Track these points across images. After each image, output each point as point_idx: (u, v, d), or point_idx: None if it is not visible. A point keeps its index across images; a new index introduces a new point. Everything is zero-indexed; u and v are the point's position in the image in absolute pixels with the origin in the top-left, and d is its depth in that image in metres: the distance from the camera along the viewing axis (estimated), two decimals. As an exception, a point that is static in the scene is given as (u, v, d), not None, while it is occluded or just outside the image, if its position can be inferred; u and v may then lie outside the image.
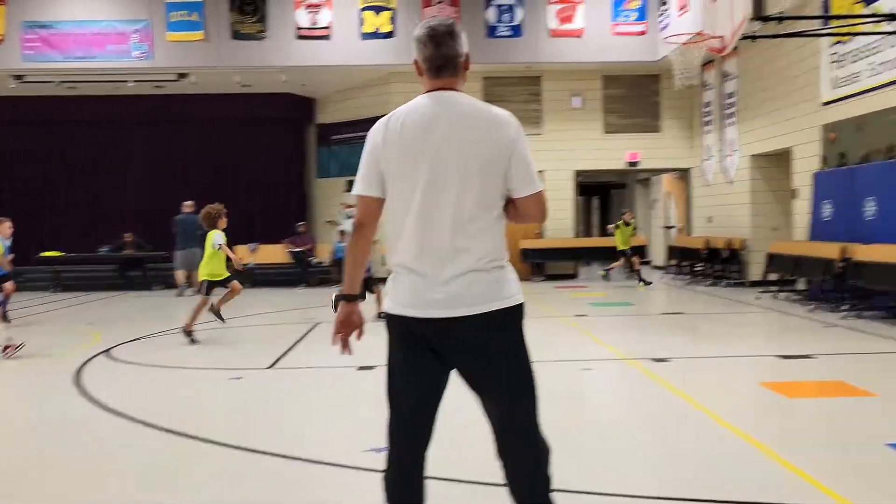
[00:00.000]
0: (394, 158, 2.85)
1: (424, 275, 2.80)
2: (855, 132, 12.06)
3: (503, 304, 2.80)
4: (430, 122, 2.83)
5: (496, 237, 2.85)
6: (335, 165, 20.28)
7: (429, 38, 2.92)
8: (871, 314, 10.65)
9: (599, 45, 17.78)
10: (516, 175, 2.82)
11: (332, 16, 17.45)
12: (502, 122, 2.86)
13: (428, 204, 2.80)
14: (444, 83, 2.93)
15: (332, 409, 6.27)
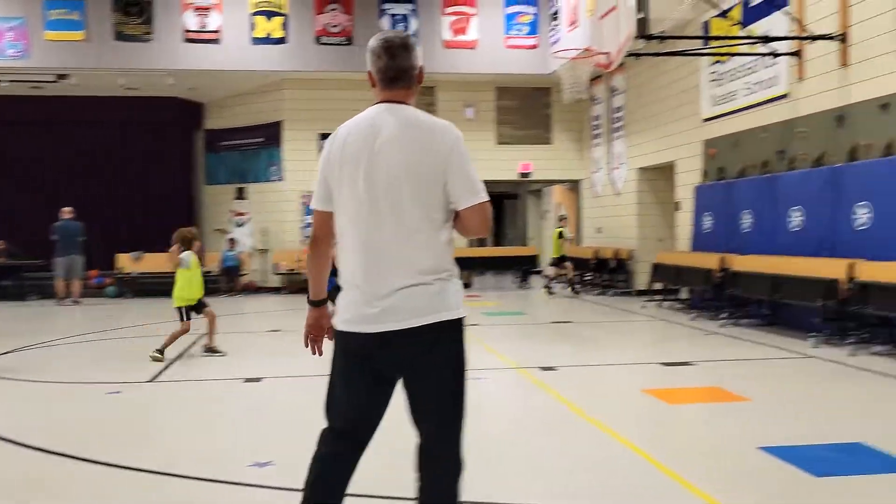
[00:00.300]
0: (338, 172, 2.87)
1: (364, 290, 2.81)
2: (732, 148, 12.61)
3: (436, 318, 2.78)
4: (371, 136, 2.84)
5: (438, 250, 2.83)
6: (224, 172, 19.81)
7: (384, 49, 2.93)
8: (748, 322, 11.12)
9: (493, 57, 18.02)
10: (455, 186, 2.81)
11: (221, 19, 17.09)
12: (438, 133, 2.83)
13: (369, 218, 2.81)
14: (395, 95, 2.94)
15: (215, 423, 6.08)
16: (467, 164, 2.83)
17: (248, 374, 7.87)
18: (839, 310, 9.09)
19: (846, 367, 7.81)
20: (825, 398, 6.58)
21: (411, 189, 2.78)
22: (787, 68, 11.18)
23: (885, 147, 9.26)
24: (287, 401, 6.85)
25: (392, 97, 2.94)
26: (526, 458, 4.94)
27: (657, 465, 4.66)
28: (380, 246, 2.80)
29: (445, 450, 2.90)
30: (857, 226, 9.42)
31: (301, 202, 18.98)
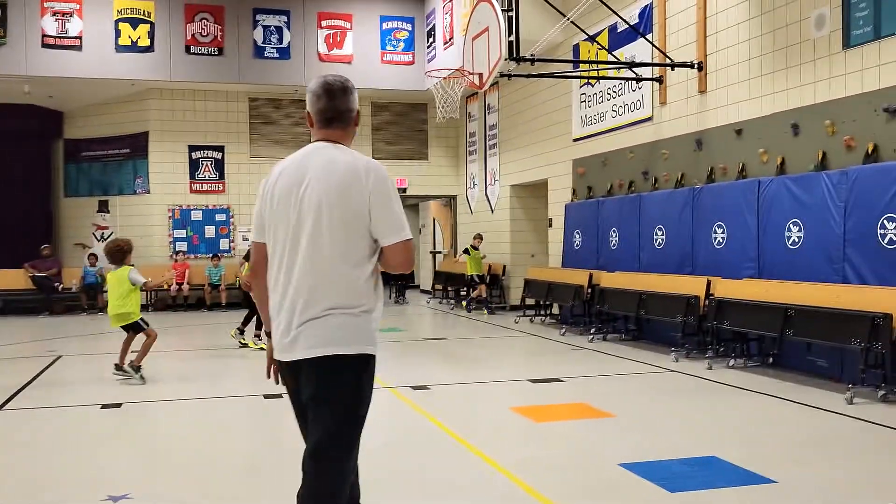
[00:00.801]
0: (270, 207, 3.02)
1: (283, 320, 2.95)
2: (601, 168, 13.01)
3: (337, 350, 2.87)
4: (299, 174, 2.97)
5: (353, 285, 2.91)
6: (85, 183, 18.89)
7: (324, 90, 3.06)
8: (615, 337, 11.47)
9: (368, 72, 17.99)
10: (378, 224, 2.91)
11: (83, 25, 16.34)
12: (361, 173, 2.92)
13: (289, 251, 2.94)
14: (331, 135, 3.08)
15: (69, 453, 5.73)
16: (391, 202, 2.93)
17: (106, 400, 7.49)
18: (698, 325, 9.49)
19: (704, 380, 8.15)
20: (683, 412, 6.83)
21: (330, 225, 2.88)
22: (650, 93, 11.65)
23: (739, 170, 9.76)
24: (146, 428, 6.56)
25: (327, 136, 3.08)
26: (392, 480, 4.88)
27: (520, 485, 4.71)
28: (298, 278, 2.91)
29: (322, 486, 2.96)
30: (714, 244, 9.88)
31: (168, 215, 18.34)
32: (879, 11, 7.84)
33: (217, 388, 8.22)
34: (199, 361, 10.15)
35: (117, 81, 17.01)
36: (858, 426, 6.15)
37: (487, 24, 10.57)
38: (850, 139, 8.15)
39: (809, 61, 8.73)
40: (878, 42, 7.86)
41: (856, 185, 7.77)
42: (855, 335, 7.01)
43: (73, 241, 18.79)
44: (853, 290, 7.54)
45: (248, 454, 5.66)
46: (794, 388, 7.61)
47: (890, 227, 7.38)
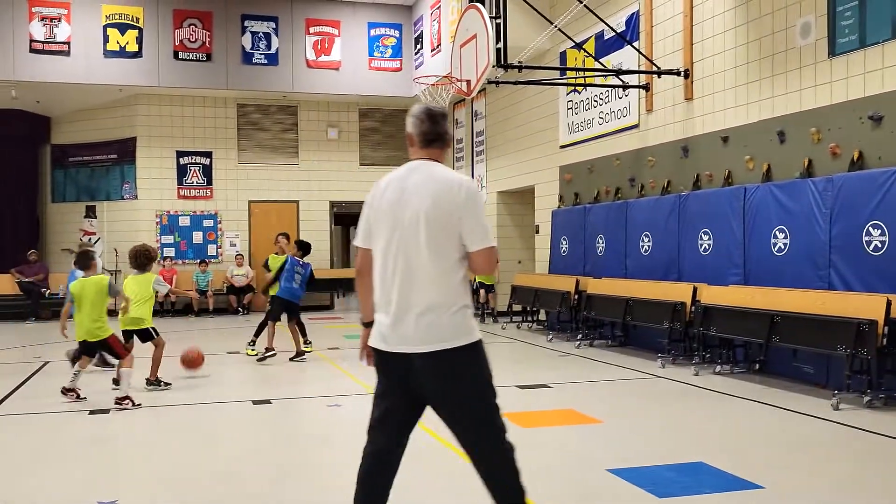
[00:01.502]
0: (375, 217, 3.44)
1: (393, 317, 3.30)
2: (587, 174, 13.06)
3: (450, 344, 3.23)
4: (402, 188, 3.38)
5: (451, 286, 3.30)
6: (73, 189, 18.81)
7: (427, 116, 3.51)
8: (601, 343, 11.51)
9: (356, 78, 18.04)
10: (467, 233, 3.31)
11: (71, 30, 16.30)
12: (454, 188, 3.32)
13: (395, 257, 3.33)
14: (430, 154, 3.50)
15: (57, 458, 5.70)
16: (479, 214, 3.35)
17: (94, 406, 7.46)
18: (685, 331, 9.54)
19: (691, 386, 8.19)
20: (671, 418, 6.86)
21: (428, 234, 3.28)
22: (637, 100, 11.72)
23: (725, 177, 9.82)
24: (135, 434, 6.53)
25: (426, 155, 3.50)
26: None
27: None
28: (405, 281, 3.30)
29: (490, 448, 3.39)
30: (700, 251, 9.93)
31: (156, 221, 18.29)
32: (865, 20, 7.92)
33: (205, 394, 8.19)
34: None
35: (105, 87, 16.98)
36: (844, 432, 6.20)
37: (475, 31, 10.61)
38: (836, 146, 8.23)
39: (795, 69, 8.81)
40: (864, 50, 7.94)
41: (841, 193, 7.83)
42: (840, 341, 7.07)
43: (60, 247, 18.69)
44: (839, 296, 7.60)
45: (235, 460, 5.65)
46: (781, 395, 7.66)
47: (875, 233, 7.44)
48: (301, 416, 7.28)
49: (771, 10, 9.14)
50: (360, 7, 18.08)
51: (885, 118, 7.68)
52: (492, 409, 3.34)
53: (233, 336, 13.61)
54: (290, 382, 8.93)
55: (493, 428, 3.34)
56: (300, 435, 6.49)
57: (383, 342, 3.35)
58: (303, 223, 19.18)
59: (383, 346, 3.35)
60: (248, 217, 18.92)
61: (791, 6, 8.85)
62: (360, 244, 3.51)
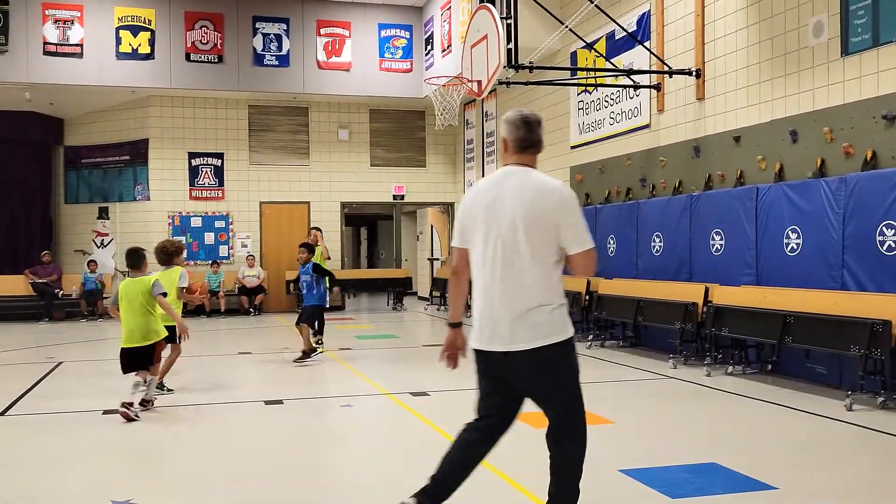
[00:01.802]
0: (471, 219, 3.62)
1: (494, 317, 3.52)
2: (598, 175, 13.05)
3: (549, 341, 3.48)
4: (497, 192, 3.57)
5: (548, 286, 3.51)
6: (85, 190, 18.90)
7: (523, 122, 3.68)
8: (612, 344, 11.48)
9: (367, 79, 18.06)
10: (565, 237, 3.49)
11: (84, 32, 16.38)
12: (550, 193, 3.51)
13: (494, 258, 3.52)
14: (523, 159, 3.67)
15: (71, 458, 5.74)
16: (576, 217, 3.51)
17: (108, 406, 7.49)
18: (696, 332, 9.51)
19: (703, 387, 8.17)
20: (683, 419, 6.85)
21: (525, 237, 3.46)
22: (648, 100, 11.69)
23: (738, 177, 9.79)
24: (148, 434, 6.56)
25: (520, 161, 3.66)
26: (393, 486, 4.88)
27: (522, 491, 4.73)
28: (504, 281, 3.49)
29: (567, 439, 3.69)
30: (712, 251, 9.90)
31: (168, 222, 18.36)
32: (878, 19, 7.89)
33: (218, 395, 8.21)
34: (198, 367, 10.15)
35: (118, 89, 17.05)
36: (858, 433, 6.17)
37: (486, 32, 10.61)
38: (849, 146, 8.19)
39: (808, 68, 8.78)
40: (877, 49, 7.90)
41: (854, 192, 7.80)
42: (854, 342, 7.04)
43: (73, 248, 18.80)
44: (852, 296, 7.57)
45: (248, 460, 5.67)
46: (793, 395, 7.63)
47: (889, 233, 7.40)
48: (313, 416, 7.29)
49: (783, 10, 9.11)
50: (370, 8, 18.11)
51: (898, 117, 7.64)
52: (577, 400, 3.63)
53: (244, 337, 13.65)
54: (303, 383, 8.95)
55: (577, 418, 3.65)
56: (312, 435, 6.50)
57: (484, 342, 3.57)
58: (314, 224, 19.20)
59: (485, 347, 3.57)
60: (260, 218, 18.98)
61: (803, 5, 8.82)
62: (456, 244, 3.72)
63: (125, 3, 16.69)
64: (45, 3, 16.25)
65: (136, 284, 7.09)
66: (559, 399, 3.60)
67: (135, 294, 7.03)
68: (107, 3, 16.61)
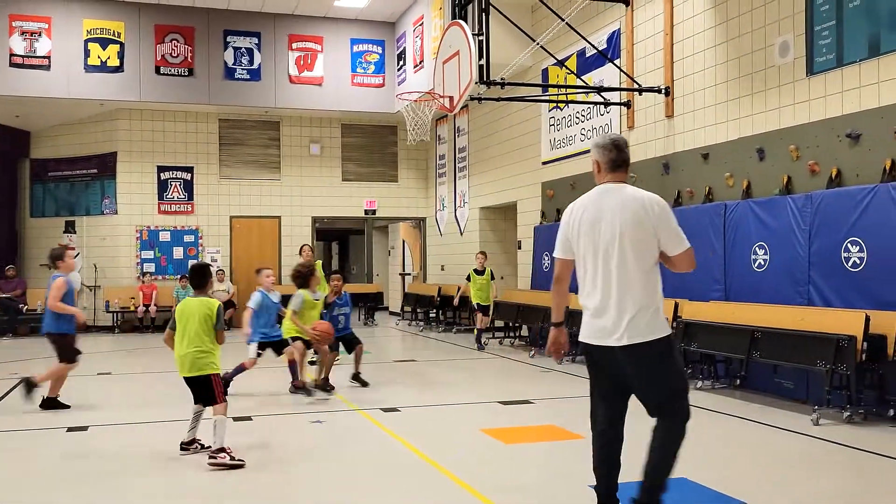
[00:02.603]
0: (576, 232, 4.13)
1: (603, 317, 4.01)
2: (570, 191, 13.11)
3: (651, 337, 3.94)
4: (598, 208, 4.07)
5: (648, 289, 3.99)
6: (52, 204, 18.66)
7: (614, 145, 4.21)
8: (582, 359, 11.48)
9: (339, 94, 18.05)
10: (666, 241, 4.00)
11: (52, 45, 16.22)
12: (647, 205, 4.00)
13: (597, 266, 4.03)
14: (616, 177, 4.17)
15: (34, 476, 5.62)
16: (673, 222, 4.02)
17: (72, 423, 7.37)
18: (666, 347, 9.55)
19: (672, 402, 8.20)
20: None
21: (630, 246, 3.95)
22: (618, 117, 11.80)
23: (706, 194, 9.90)
24: (114, 451, 6.45)
25: (613, 179, 4.16)
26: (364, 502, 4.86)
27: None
28: (610, 286, 3.98)
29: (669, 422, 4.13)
30: (681, 267, 9.97)
31: (136, 236, 18.16)
32: (842, 40, 8.03)
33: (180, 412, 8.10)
34: (167, 384, 10.02)
35: (86, 101, 16.88)
36: (825, 447, 6.23)
37: (458, 48, 10.66)
38: (815, 164, 8.31)
39: (774, 87, 8.91)
40: (841, 69, 8.04)
41: (820, 209, 7.91)
42: (820, 357, 7.12)
43: (38, 262, 18.51)
44: (818, 312, 7.66)
45: (215, 478, 5.59)
46: (762, 410, 7.69)
47: (854, 250, 7.51)
48: (283, 432, 7.22)
49: (750, 29, 9.25)
50: (342, 23, 18.12)
51: (862, 136, 7.78)
52: (676, 393, 4.05)
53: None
54: (271, 399, 8.87)
55: (674, 409, 4.06)
56: (281, 451, 6.43)
57: (593, 338, 4.07)
58: (285, 239, 19.12)
59: (594, 342, 4.06)
60: (230, 232, 18.84)
61: (770, 25, 8.96)
62: (560, 255, 4.22)
63: (94, 15, 16.55)
64: (11, 15, 16.07)
65: (198, 305, 6.18)
66: (655, 391, 4.04)
67: (193, 315, 6.14)
68: (75, 15, 16.46)
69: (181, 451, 6.17)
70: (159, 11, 16.92)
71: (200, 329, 6.09)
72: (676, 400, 4.08)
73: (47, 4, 16.31)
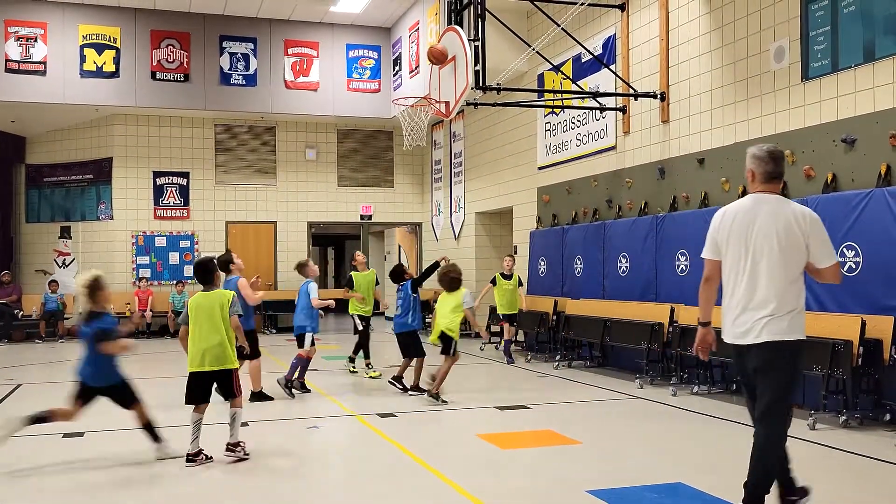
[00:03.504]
0: (726, 237, 4.41)
1: (746, 316, 4.29)
2: (565, 196, 13.13)
3: (786, 337, 4.21)
4: (753, 216, 4.32)
5: (792, 294, 4.26)
6: (47, 209, 18.63)
7: (771, 157, 4.41)
8: (579, 364, 11.52)
9: (334, 99, 18.05)
10: (816, 253, 4.27)
11: (47, 50, 16.21)
12: (799, 217, 4.26)
13: (746, 269, 4.31)
14: (769, 188, 4.40)
15: (31, 482, 5.60)
16: (824, 235, 4.28)
17: (68, 429, 7.34)
18: (662, 352, 9.57)
19: (669, 407, 8.22)
20: (649, 439, 6.87)
21: (780, 253, 4.21)
22: (614, 122, 11.82)
23: (702, 199, 9.91)
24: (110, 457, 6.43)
25: (766, 189, 4.39)
26: (360, 512, 4.85)
27: (490, 514, 4.70)
28: (757, 289, 4.26)
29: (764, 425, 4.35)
30: (677, 272, 9.99)
31: (131, 242, 18.14)
32: (837, 45, 8.06)
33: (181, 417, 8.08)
34: (163, 389, 9.99)
35: (81, 107, 16.87)
36: (821, 451, 6.24)
37: (454, 53, 10.67)
38: (810, 169, 8.33)
39: (769, 92, 8.94)
40: (836, 74, 8.07)
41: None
42: (816, 362, 7.13)
43: (34, 268, 18.50)
44: (814, 317, 7.65)
45: (212, 483, 5.58)
46: (758, 414, 7.69)
47: (849, 255, 7.53)
48: (279, 437, 7.20)
49: (745, 35, 9.28)
50: (338, 29, 18.13)
51: (857, 141, 7.81)
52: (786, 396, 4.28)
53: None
54: (268, 404, 8.85)
55: (778, 413, 4.28)
56: (277, 457, 6.42)
57: (736, 337, 4.33)
58: (280, 244, 19.11)
59: (738, 340, 4.32)
60: (226, 238, 18.82)
61: (765, 31, 8.99)
62: (710, 257, 4.51)
63: (90, 20, 16.55)
64: (7, 21, 16.06)
65: (213, 298, 6.19)
66: (773, 385, 4.23)
67: (208, 309, 6.14)
68: (71, 20, 16.45)
69: (188, 463, 6.04)
70: (155, 17, 16.91)
71: (219, 321, 6.09)
72: (773, 408, 4.27)
73: (43, 10, 16.30)
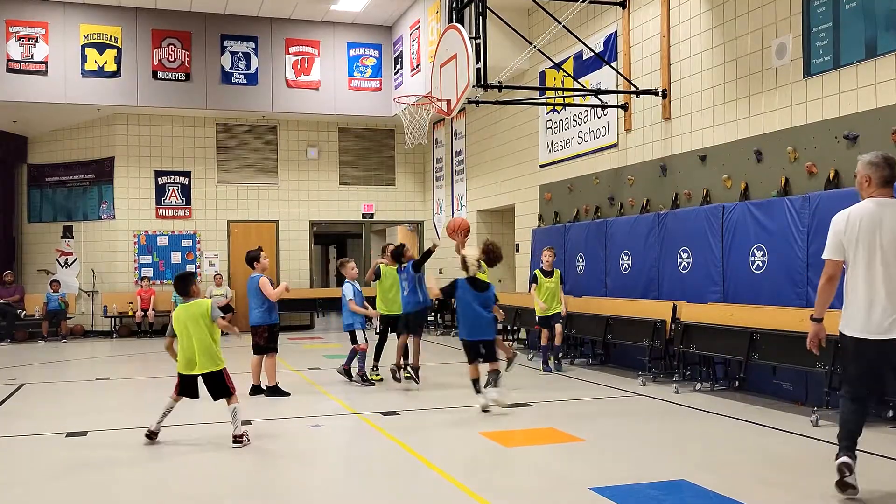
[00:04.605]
0: (852, 239, 4.72)
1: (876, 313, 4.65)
2: (567, 193, 13.12)
3: None
4: (878, 219, 4.66)
5: None
6: (49, 209, 18.65)
7: (885, 162, 4.73)
8: (582, 361, 11.51)
9: (336, 98, 18.05)
10: None
11: (49, 50, 16.21)
12: None
13: (874, 268, 4.64)
14: (887, 192, 4.71)
15: (32, 482, 5.61)
16: None
17: (71, 429, 7.35)
18: (665, 349, 9.57)
19: (671, 404, 8.21)
20: (652, 436, 6.87)
21: None
22: (615, 119, 11.81)
23: (704, 196, 9.90)
24: (112, 457, 6.44)
25: (883, 193, 4.73)
26: (363, 510, 4.85)
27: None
28: (878, 288, 4.61)
29: None
30: (679, 269, 9.98)
31: (133, 241, 18.15)
32: (839, 41, 8.05)
33: (187, 416, 8.09)
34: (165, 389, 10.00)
35: (83, 106, 16.87)
36: (824, 448, 6.23)
37: (455, 52, 10.66)
38: (812, 165, 8.32)
39: (771, 89, 8.92)
40: (838, 71, 8.06)
41: (818, 211, 7.91)
42: (819, 358, 7.11)
43: (36, 268, 18.52)
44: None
45: (215, 480, 5.59)
46: (761, 412, 7.69)
47: (851, 251, 7.50)
48: (281, 436, 7.20)
49: (747, 31, 9.27)
50: (339, 27, 18.13)
51: (859, 137, 7.79)
52: None
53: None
54: (270, 403, 8.86)
55: None
56: (280, 456, 6.43)
57: (865, 332, 4.67)
58: (282, 243, 19.12)
59: (865, 336, 4.67)
60: (228, 237, 18.83)
61: (767, 27, 8.98)
62: (835, 257, 4.80)
63: (91, 20, 16.55)
64: (8, 20, 16.06)
65: (192, 308, 6.67)
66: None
67: (190, 319, 6.61)
68: (72, 20, 16.46)
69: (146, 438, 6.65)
70: (156, 16, 16.91)
71: (201, 330, 6.60)
72: None
73: (44, 10, 16.30)
